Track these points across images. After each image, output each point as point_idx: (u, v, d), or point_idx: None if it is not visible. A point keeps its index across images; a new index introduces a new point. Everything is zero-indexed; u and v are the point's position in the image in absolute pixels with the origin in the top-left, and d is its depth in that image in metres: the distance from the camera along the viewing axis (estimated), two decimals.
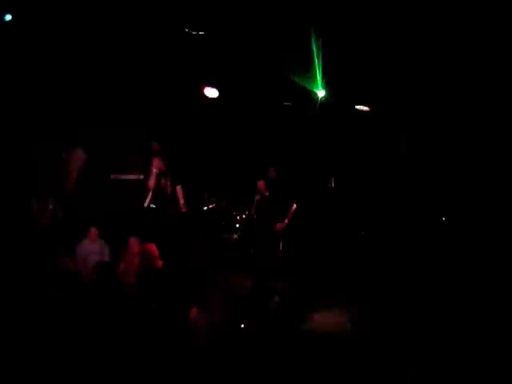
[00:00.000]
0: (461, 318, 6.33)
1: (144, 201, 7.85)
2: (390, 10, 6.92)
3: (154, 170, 7.83)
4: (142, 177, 8.29)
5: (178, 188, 8.02)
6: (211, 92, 9.04)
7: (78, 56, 8.00)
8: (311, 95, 8.76)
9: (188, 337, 5.80)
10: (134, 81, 8.73)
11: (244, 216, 9.07)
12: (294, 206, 7.48)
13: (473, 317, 6.27)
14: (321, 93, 8.73)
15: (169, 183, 7.92)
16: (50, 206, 7.54)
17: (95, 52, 8.03)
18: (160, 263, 6.94)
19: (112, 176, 8.66)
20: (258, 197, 7.30)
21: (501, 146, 7.68)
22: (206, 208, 9.49)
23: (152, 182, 7.78)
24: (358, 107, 8.78)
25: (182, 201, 7.97)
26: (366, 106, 8.71)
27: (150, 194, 7.85)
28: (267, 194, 7.31)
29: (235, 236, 9.12)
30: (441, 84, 7.76)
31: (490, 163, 7.84)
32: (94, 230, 7.26)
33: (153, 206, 7.80)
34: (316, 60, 7.99)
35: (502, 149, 7.68)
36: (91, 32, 7.72)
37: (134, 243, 7.10)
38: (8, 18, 7.29)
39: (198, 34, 7.83)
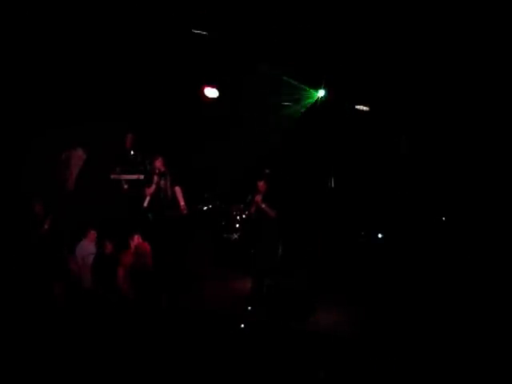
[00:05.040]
0: (461, 318, 6.33)
1: (144, 201, 7.84)
2: (389, 9, 6.91)
3: (155, 171, 7.82)
4: (142, 177, 8.28)
5: (178, 189, 8.00)
6: (211, 92, 9.05)
7: (78, 56, 8.00)
8: (311, 95, 8.77)
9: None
10: (135, 81, 8.73)
11: (244, 216, 9.06)
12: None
13: (473, 317, 6.27)
14: (321, 93, 8.73)
15: (168, 184, 7.91)
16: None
17: (96, 53, 8.02)
18: (151, 261, 6.94)
19: (112, 176, 8.65)
20: (258, 198, 7.28)
21: (501, 146, 7.67)
22: (206, 208, 9.49)
23: (153, 184, 7.76)
24: (357, 107, 8.77)
25: (182, 202, 7.94)
26: (365, 105, 8.70)
27: (149, 194, 7.84)
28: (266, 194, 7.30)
29: (235, 236, 9.11)
30: (440, 84, 7.76)
31: (490, 163, 7.83)
32: (92, 231, 7.25)
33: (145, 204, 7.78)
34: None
35: (501, 148, 7.68)
36: (92, 32, 7.72)
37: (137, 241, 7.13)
38: None
39: (199, 34, 7.82)
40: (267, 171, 8.44)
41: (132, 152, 8.62)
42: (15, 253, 6.68)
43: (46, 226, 7.24)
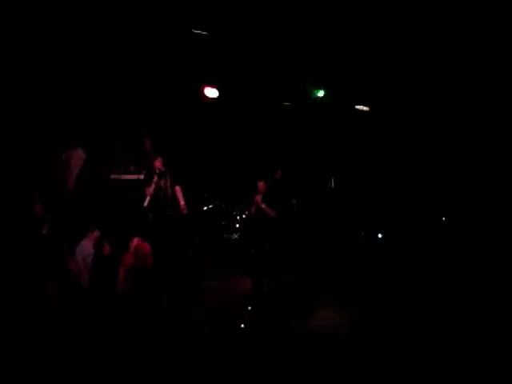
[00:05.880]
0: (460, 318, 6.33)
1: (144, 201, 7.83)
2: (389, 10, 6.92)
3: (155, 170, 7.81)
4: (142, 177, 8.28)
5: (178, 188, 8.00)
6: (211, 92, 9.05)
7: (78, 56, 7.99)
8: (311, 95, 8.78)
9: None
10: (135, 81, 8.73)
11: (244, 216, 9.07)
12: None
13: (472, 317, 6.27)
14: (321, 93, 8.73)
15: (169, 184, 7.91)
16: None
17: (96, 53, 8.02)
18: (151, 261, 6.93)
19: (112, 176, 8.65)
20: (258, 198, 7.27)
21: (499, 147, 7.68)
22: (206, 208, 9.49)
23: (152, 183, 7.76)
24: (357, 107, 8.77)
25: (182, 202, 7.93)
26: (365, 105, 8.71)
27: (149, 194, 7.84)
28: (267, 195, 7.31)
29: (235, 236, 9.11)
30: (440, 84, 7.76)
31: (490, 163, 7.83)
32: (96, 231, 7.24)
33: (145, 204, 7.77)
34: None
35: (500, 149, 7.68)
36: (92, 33, 7.71)
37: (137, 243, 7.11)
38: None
39: (200, 34, 7.82)
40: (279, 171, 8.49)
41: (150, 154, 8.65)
42: (15, 253, 6.66)
43: (44, 231, 7.18)
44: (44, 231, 7.12)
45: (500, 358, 5.31)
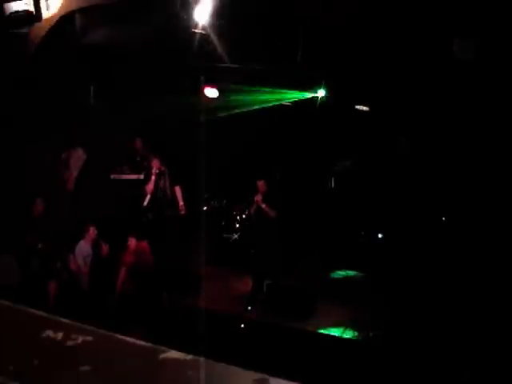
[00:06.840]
0: (461, 318, 6.33)
1: (144, 200, 7.85)
2: (389, 9, 6.91)
3: (154, 171, 7.82)
4: (142, 177, 8.28)
5: (177, 189, 8.00)
6: (211, 92, 9.05)
7: (79, 56, 7.99)
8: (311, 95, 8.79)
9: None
10: (135, 80, 8.73)
11: (244, 216, 9.07)
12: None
13: (473, 317, 6.27)
14: (321, 93, 8.74)
15: (167, 184, 7.91)
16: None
17: (96, 53, 8.02)
18: (151, 260, 6.94)
19: (112, 176, 8.65)
20: (258, 197, 7.27)
21: (500, 146, 7.67)
22: (205, 208, 9.50)
23: (151, 183, 7.76)
24: (357, 107, 8.78)
25: (181, 203, 7.94)
26: (365, 106, 8.71)
27: (149, 194, 7.85)
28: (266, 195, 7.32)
29: (235, 236, 9.12)
30: (440, 84, 7.76)
31: (490, 163, 7.83)
32: (92, 230, 7.25)
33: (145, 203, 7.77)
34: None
35: (501, 149, 7.68)
36: (93, 30, 7.71)
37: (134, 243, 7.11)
38: None
39: (199, 34, 7.82)
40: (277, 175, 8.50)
41: (141, 153, 8.62)
42: (14, 252, 6.67)
43: (40, 246, 7.08)
44: (40, 246, 7.06)
45: (500, 358, 5.31)
